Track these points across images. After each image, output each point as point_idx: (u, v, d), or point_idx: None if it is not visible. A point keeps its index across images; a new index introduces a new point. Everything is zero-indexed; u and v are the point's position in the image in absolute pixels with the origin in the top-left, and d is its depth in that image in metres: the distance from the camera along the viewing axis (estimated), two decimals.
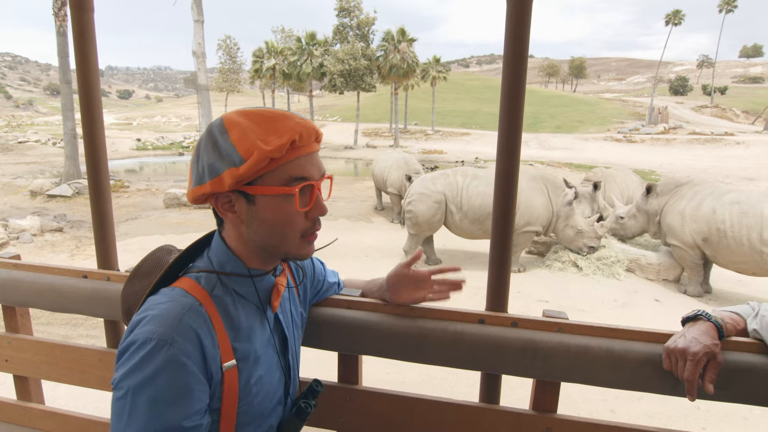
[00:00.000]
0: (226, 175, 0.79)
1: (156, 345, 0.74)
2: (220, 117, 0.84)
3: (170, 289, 0.83)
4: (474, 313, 1.16)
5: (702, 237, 6.00)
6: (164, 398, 0.74)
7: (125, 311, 0.97)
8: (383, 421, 1.24)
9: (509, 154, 1.12)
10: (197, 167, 0.83)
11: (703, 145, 30.38)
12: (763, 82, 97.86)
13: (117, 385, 0.75)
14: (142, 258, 0.97)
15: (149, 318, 0.77)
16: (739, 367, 0.99)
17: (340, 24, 37.19)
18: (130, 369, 0.74)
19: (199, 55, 12.41)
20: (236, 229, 0.87)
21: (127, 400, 0.73)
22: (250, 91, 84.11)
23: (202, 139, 0.84)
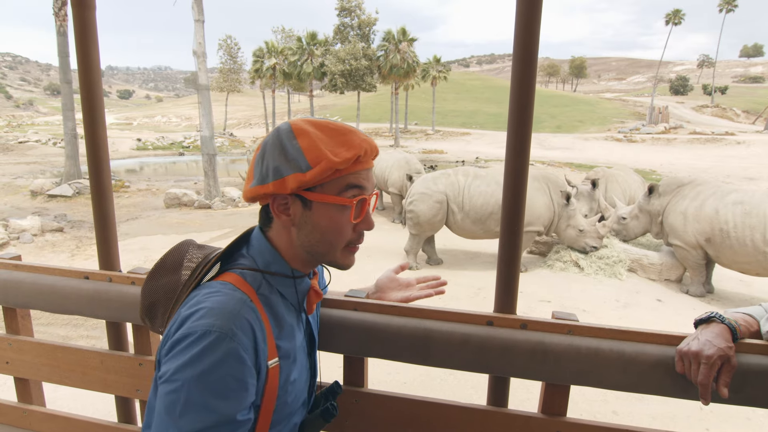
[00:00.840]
0: (291, 179, 0.83)
1: (217, 337, 0.74)
2: (287, 123, 0.87)
3: (219, 283, 0.84)
4: (482, 315, 1.15)
5: (705, 237, 5.97)
6: (221, 391, 0.74)
7: (148, 306, 0.95)
8: (389, 424, 1.22)
9: (519, 152, 1.10)
10: (261, 167, 0.85)
11: (704, 145, 30.36)
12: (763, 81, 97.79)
13: (170, 377, 0.74)
14: (165, 253, 0.96)
15: (205, 310, 0.77)
16: (753, 369, 0.98)
17: (341, 24, 37.22)
18: (187, 361, 0.73)
19: (200, 54, 12.38)
20: (286, 231, 0.89)
21: (182, 392, 0.73)
22: (250, 91, 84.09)
23: (268, 141, 0.86)
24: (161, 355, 0.78)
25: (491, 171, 7.31)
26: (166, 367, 0.75)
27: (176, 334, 0.76)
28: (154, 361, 1.35)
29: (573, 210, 6.91)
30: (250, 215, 11.45)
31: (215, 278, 0.87)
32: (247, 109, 70.33)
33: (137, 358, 1.40)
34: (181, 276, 0.93)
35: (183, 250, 0.96)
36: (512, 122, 1.09)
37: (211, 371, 0.73)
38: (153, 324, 0.95)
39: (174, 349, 0.75)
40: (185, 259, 0.94)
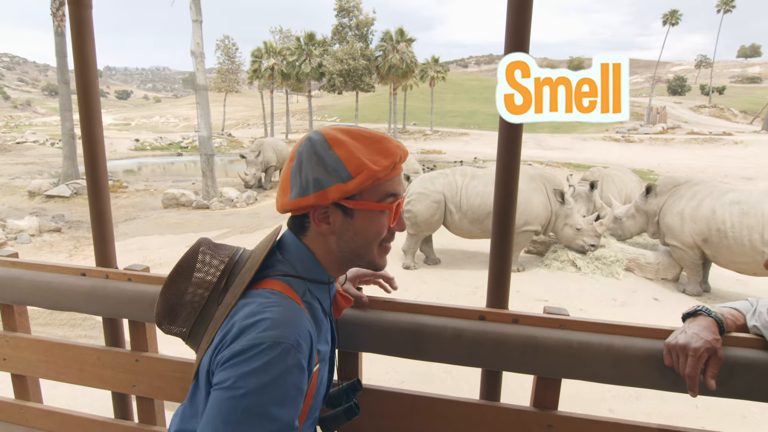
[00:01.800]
0: (333, 190, 0.84)
1: (285, 349, 0.76)
2: (319, 132, 0.88)
3: (269, 292, 0.85)
4: (475, 310, 1.16)
5: (702, 238, 5.99)
6: (282, 399, 0.76)
7: (168, 309, 0.93)
8: (385, 419, 1.24)
9: (510, 151, 1.12)
10: (299, 179, 0.86)
11: (702, 145, 30.43)
12: (761, 82, 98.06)
13: (232, 385, 0.74)
14: (184, 255, 0.94)
15: (270, 321, 0.78)
16: (740, 362, 0.99)
17: (339, 24, 37.24)
18: (253, 370, 0.74)
19: (198, 55, 12.38)
20: (323, 238, 0.91)
21: (244, 400, 0.74)
22: (248, 92, 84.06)
23: (303, 152, 0.87)
24: (216, 363, 0.79)
25: (489, 171, 7.34)
26: (225, 374, 0.76)
27: (239, 344, 0.76)
28: (150, 357, 1.36)
29: (570, 209, 6.93)
30: (248, 215, 11.45)
31: (256, 284, 0.87)
32: (245, 110, 70.31)
33: (133, 354, 1.41)
34: (203, 281, 0.91)
35: (199, 252, 0.94)
36: (503, 121, 1.10)
37: (276, 381, 0.75)
38: (172, 326, 0.93)
39: (236, 358, 0.76)
40: (198, 261, 0.93)
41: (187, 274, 0.92)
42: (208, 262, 0.93)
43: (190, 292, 0.91)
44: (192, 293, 0.91)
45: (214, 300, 0.89)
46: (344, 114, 55.90)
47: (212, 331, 0.85)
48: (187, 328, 0.92)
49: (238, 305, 0.84)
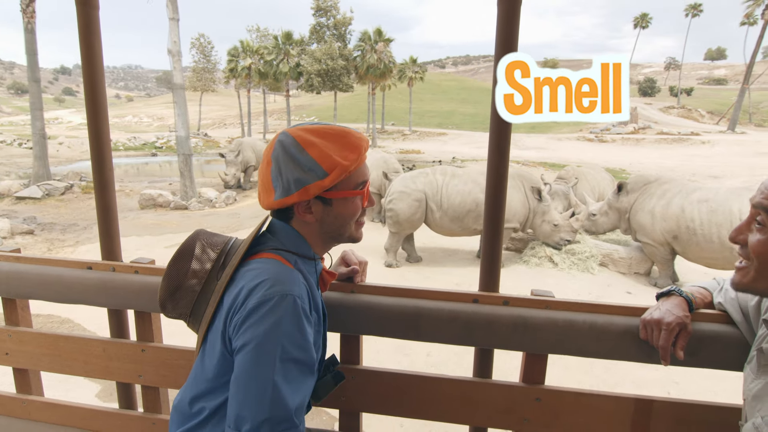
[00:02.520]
0: (312, 187, 0.97)
1: (293, 300, 0.89)
2: (289, 135, 0.99)
3: (264, 260, 0.96)
4: (468, 294, 1.25)
5: (672, 235, 6.23)
6: (303, 344, 0.90)
7: (172, 290, 1.03)
8: (383, 398, 1.32)
9: (500, 147, 1.22)
10: (281, 181, 0.97)
11: (671, 145, 31.45)
12: (726, 83, 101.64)
13: (261, 341, 0.86)
14: (184, 241, 1.05)
15: (273, 280, 0.90)
16: (707, 335, 1.11)
17: (316, 23, 37.08)
18: (273, 324, 0.87)
19: (175, 53, 12.21)
20: (308, 225, 1.03)
21: (275, 351, 0.86)
22: (224, 91, 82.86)
23: (279, 157, 0.98)
24: (234, 325, 0.89)
25: (468, 170, 7.49)
26: (249, 335, 0.87)
27: (251, 302, 0.88)
28: (156, 346, 1.41)
29: (547, 206, 7.14)
30: (228, 216, 11.36)
31: (251, 257, 0.98)
32: (221, 109, 69.32)
33: (139, 344, 1.45)
34: (203, 260, 1.02)
35: (196, 238, 1.05)
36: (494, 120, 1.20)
37: (295, 327, 0.88)
38: (176, 307, 1.03)
39: (253, 317, 0.87)
40: (196, 247, 1.03)
41: (187, 257, 1.03)
42: (205, 248, 1.03)
43: (191, 274, 1.01)
44: (192, 274, 1.02)
45: (213, 277, 1.00)
46: (322, 114, 55.66)
47: (215, 301, 0.95)
48: (189, 308, 1.01)
49: (239, 273, 0.95)
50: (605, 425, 1.22)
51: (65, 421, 1.54)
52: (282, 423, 0.86)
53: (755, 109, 58.32)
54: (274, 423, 0.85)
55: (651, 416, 1.19)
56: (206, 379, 0.96)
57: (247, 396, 0.85)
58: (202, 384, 0.96)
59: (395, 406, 1.32)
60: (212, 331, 0.96)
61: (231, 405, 0.88)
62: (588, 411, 1.22)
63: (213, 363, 0.95)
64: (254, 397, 0.85)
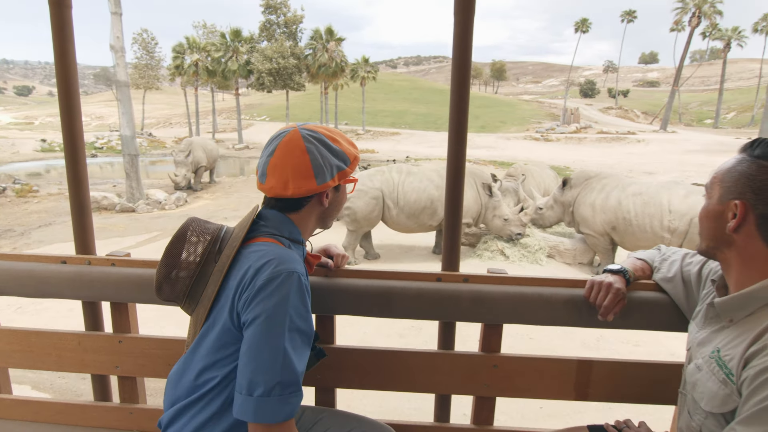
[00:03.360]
0: (342, 174, 1.15)
1: (297, 277, 1.00)
2: (312, 131, 1.12)
3: (266, 243, 1.07)
4: (433, 273, 1.39)
5: (611, 226, 6.75)
6: (305, 315, 1.01)
7: (170, 273, 1.10)
8: (356, 374, 1.43)
9: (458, 138, 1.36)
10: (324, 168, 1.10)
11: (610, 143, 33.34)
12: (659, 86, 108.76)
13: (271, 314, 0.96)
14: (177, 230, 1.13)
15: (278, 259, 1.01)
16: (639, 301, 1.30)
17: (266, 21, 36.43)
18: (282, 298, 0.97)
19: (118, 49, 11.70)
20: (315, 212, 1.17)
21: (283, 322, 0.97)
22: (169, 89, 79.68)
23: (316, 147, 1.10)
24: (243, 301, 0.98)
25: (423, 168, 7.71)
26: (259, 308, 0.97)
27: (260, 279, 0.98)
28: (134, 337, 1.46)
29: (498, 201, 7.48)
30: (179, 218, 11.03)
31: (249, 242, 1.08)
32: (166, 108, 66.59)
33: (116, 335, 1.48)
34: (198, 245, 1.10)
35: (190, 224, 1.13)
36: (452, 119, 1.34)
37: (299, 301, 1.00)
38: (173, 289, 1.10)
39: (263, 292, 0.98)
40: (191, 232, 1.11)
41: (182, 243, 1.11)
42: (199, 234, 1.12)
43: (187, 258, 1.09)
44: (188, 258, 1.10)
45: (210, 261, 1.09)
46: (274, 113, 54.73)
47: (217, 280, 1.05)
48: (186, 290, 1.09)
49: (242, 255, 1.06)
50: (553, 385, 1.39)
51: (38, 417, 1.54)
52: (291, 386, 0.96)
53: (684, 110, 62.89)
54: (284, 386, 0.95)
55: (591, 375, 1.38)
56: (213, 352, 1.03)
57: (259, 363, 0.95)
58: (208, 357, 1.04)
59: (368, 381, 1.44)
60: (216, 309, 1.05)
61: (242, 373, 0.97)
62: (538, 373, 1.39)
63: (219, 337, 1.03)
64: (267, 363, 0.95)
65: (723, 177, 1.00)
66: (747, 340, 0.94)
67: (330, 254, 1.44)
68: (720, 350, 0.98)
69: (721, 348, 0.98)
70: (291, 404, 0.96)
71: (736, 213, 0.95)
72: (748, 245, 0.96)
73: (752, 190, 0.94)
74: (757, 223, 0.94)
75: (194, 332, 1.08)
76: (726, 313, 1.02)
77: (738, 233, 0.97)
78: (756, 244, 0.96)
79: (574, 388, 1.39)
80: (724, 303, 1.03)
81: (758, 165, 0.94)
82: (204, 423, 1.03)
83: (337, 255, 1.43)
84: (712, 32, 56.09)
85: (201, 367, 1.04)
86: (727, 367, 0.94)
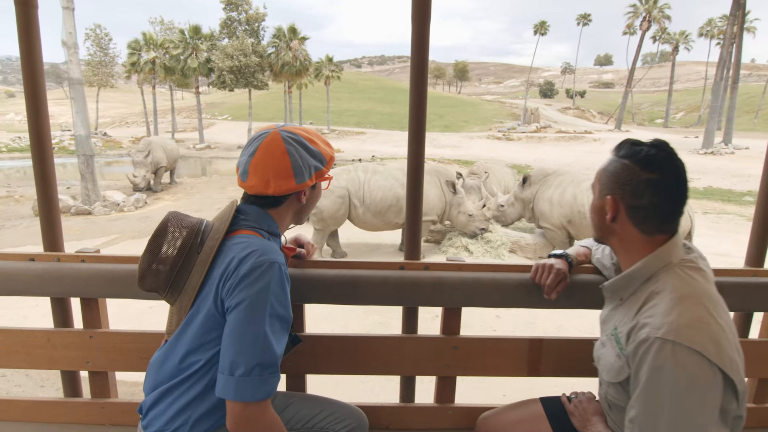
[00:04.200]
0: (319, 173, 1.22)
1: (279, 266, 1.08)
2: (291, 132, 1.19)
3: (248, 236, 1.14)
4: (396, 262, 1.49)
5: (567, 219, 7.07)
6: (285, 302, 1.08)
7: (153, 263, 1.14)
8: (326, 360, 1.51)
9: (418, 134, 1.46)
10: (302, 168, 1.17)
11: (568, 143, 34.55)
12: (613, 87, 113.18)
13: (254, 299, 1.03)
14: (159, 223, 1.16)
15: (261, 250, 1.08)
16: (582, 282, 1.43)
17: (227, 18, 35.68)
18: (265, 285, 1.04)
19: (71, 45, 11.23)
20: (292, 208, 1.24)
21: (264, 308, 1.04)
22: (125, 87, 76.83)
23: (296, 149, 1.17)
24: (227, 289, 1.05)
25: (389, 167, 7.82)
26: (242, 294, 1.04)
27: (244, 268, 1.05)
28: (105, 332, 1.49)
29: (462, 198, 7.68)
30: (139, 220, 10.71)
31: (230, 234, 1.14)
32: (122, 106, 64.15)
33: (87, 331, 1.50)
34: (178, 238, 1.15)
35: (169, 219, 1.18)
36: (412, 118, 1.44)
37: (279, 289, 1.07)
38: (156, 279, 1.14)
39: (246, 280, 1.04)
40: (173, 226, 1.16)
41: (164, 235, 1.15)
42: (180, 227, 1.17)
43: (170, 250, 1.14)
44: (171, 250, 1.14)
45: (193, 252, 1.14)
46: (237, 112, 53.67)
47: (202, 270, 1.11)
48: (169, 280, 1.14)
49: (225, 246, 1.12)
50: (508, 362, 1.51)
51: (6, 416, 1.53)
52: (269, 367, 1.03)
53: (637, 110, 65.86)
54: (264, 367, 1.02)
55: (542, 352, 1.51)
56: (197, 337, 1.09)
57: (241, 345, 1.01)
58: (193, 342, 1.09)
59: (336, 366, 1.52)
60: (200, 297, 1.10)
61: (225, 354, 1.03)
62: (494, 352, 1.51)
63: (203, 323, 1.08)
64: (248, 345, 1.01)
65: (600, 176, 1.16)
66: (630, 317, 1.08)
67: (300, 243, 1.51)
68: (617, 327, 1.12)
69: (618, 325, 1.12)
70: (269, 384, 1.03)
71: (610, 207, 1.11)
72: (625, 232, 1.12)
73: (620, 186, 1.09)
74: (628, 213, 1.09)
75: (178, 320, 1.13)
76: (614, 294, 1.18)
77: (615, 223, 1.12)
78: (630, 230, 1.11)
79: (527, 365, 1.51)
80: (610, 285, 1.19)
81: (622, 164, 1.10)
82: (187, 404, 1.09)
83: (307, 243, 1.51)
84: (661, 36, 59.09)
85: (185, 351, 1.10)
86: (620, 342, 1.08)
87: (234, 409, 1.02)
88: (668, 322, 0.96)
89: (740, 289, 1.47)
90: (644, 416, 0.97)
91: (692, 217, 6.50)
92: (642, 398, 0.97)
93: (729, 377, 0.94)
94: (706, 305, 0.99)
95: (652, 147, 1.08)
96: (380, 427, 1.56)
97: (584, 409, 1.29)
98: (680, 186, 1.06)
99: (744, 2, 29.02)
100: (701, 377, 0.93)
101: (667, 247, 1.08)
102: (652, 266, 1.09)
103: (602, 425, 1.21)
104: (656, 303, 1.03)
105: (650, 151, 1.08)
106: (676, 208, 1.08)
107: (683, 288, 1.03)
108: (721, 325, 0.98)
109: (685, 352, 0.93)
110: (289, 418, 1.33)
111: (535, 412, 1.36)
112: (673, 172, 1.06)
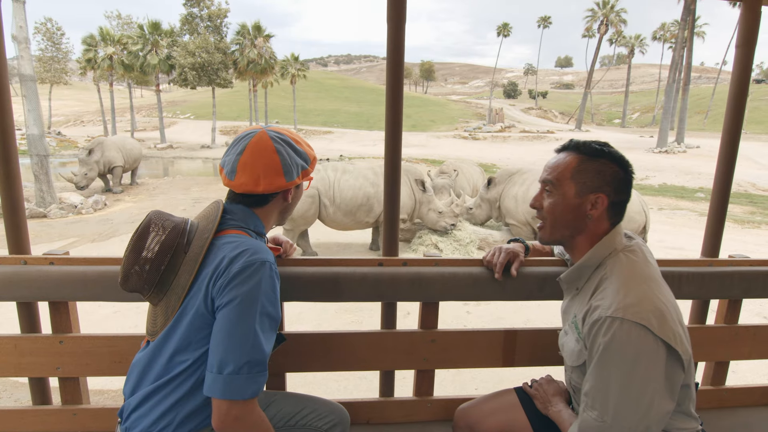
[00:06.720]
0: (305, 173, 1.25)
1: (270, 265, 1.09)
2: (278, 133, 1.21)
3: (237, 235, 1.15)
4: (375, 259, 1.51)
5: (532, 215, 7.29)
6: (275, 302, 1.09)
7: (137, 263, 1.11)
8: (306, 357, 1.51)
9: (394, 132, 1.49)
10: (292, 167, 1.20)
11: (532, 142, 35.44)
12: (573, 88, 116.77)
13: (245, 297, 1.04)
14: (141, 223, 1.14)
15: (252, 249, 1.09)
16: (551, 275, 1.49)
17: (188, 14, 34.71)
18: (255, 284, 1.05)
19: (21, 40, 10.68)
20: (277, 208, 1.26)
21: (255, 306, 1.04)
22: (79, 84, 73.63)
23: (285, 148, 1.20)
24: (218, 287, 1.04)
25: (358, 166, 7.84)
26: (234, 293, 1.04)
27: (235, 267, 1.06)
28: (75, 336, 1.45)
29: (431, 195, 7.79)
30: (98, 222, 10.31)
31: (218, 234, 1.14)
32: (77, 105, 61.38)
33: (57, 336, 1.45)
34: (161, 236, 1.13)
35: (152, 219, 1.16)
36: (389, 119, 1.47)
37: (269, 288, 1.08)
38: (140, 278, 1.11)
39: (237, 278, 1.05)
40: (156, 225, 1.14)
41: (148, 235, 1.13)
42: (162, 227, 1.15)
43: (156, 249, 1.12)
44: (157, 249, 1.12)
45: (180, 251, 1.13)
46: (200, 111, 52.30)
47: (191, 269, 1.09)
48: (156, 279, 1.12)
49: (216, 245, 1.12)
50: (484, 354, 1.56)
51: None
52: (258, 366, 1.03)
53: (596, 111, 68.22)
54: (252, 365, 1.02)
55: (516, 343, 1.56)
56: (186, 336, 1.08)
57: (231, 343, 1.01)
58: (181, 341, 1.08)
59: (316, 364, 1.53)
60: (189, 296, 1.09)
61: (214, 352, 1.03)
62: (470, 345, 1.55)
63: (192, 321, 1.08)
64: (237, 343, 1.01)
65: (574, 175, 1.17)
66: (585, 302, 1.16)
67: (279, 242, 1.52)
68: (576, 315, 1.19)
69: (576, 314, 1.20)
70: (257, 383, 1.04)
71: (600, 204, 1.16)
72: (598, 227, 1.19)
73: (606, 184, 1.16)
74: (609, 209, 1.17)
75: (164, 320, 1.11)
76: (570, 285, 1.26)
77: (591, 219, 1.18)
78: (604, 225, 1.18)
79: (502, 356, 1.57)
80: (566, 277, 1.27)
81: (601, 163, 1.16)
82: (174, 404, 1.08)
83: (285, 242, 1.52)
84: (618, 39, 61.42)
85: (173, 351, 1.09)
86: (579, 328, 1.16)
87: (220, 408, 1.01)
88: (616, 302, 1.05)
89: (697, 278, 1.57)
90: (596, 388, 1.05)
91: (647, 213, 6.81)
92: (594, 372, 1.06)
93: (673, 348, 1.03)
94: (649, 285, 1.09)
95: (609, 146, 1.18)
96: (361, 422, 1.58)
97: (545, 390, 1.37)
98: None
99: (694, 8, 30.56)
100: (646, 349, 1.01)
101: (611, 235, 1.18)
102: (600, 254, 1.17)
103: (562, 404, 1.30)
104: (605, 287, 1.12)
105: (615, 151, 1.16)
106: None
107: (628, 271, 1.12)
108: (663, 301, 1.07)
109: (631, 327, 1.01)
110: (272, 416, 1.34)
111: (511, 402, 1.42)
112: (631, 168, 1.18)
